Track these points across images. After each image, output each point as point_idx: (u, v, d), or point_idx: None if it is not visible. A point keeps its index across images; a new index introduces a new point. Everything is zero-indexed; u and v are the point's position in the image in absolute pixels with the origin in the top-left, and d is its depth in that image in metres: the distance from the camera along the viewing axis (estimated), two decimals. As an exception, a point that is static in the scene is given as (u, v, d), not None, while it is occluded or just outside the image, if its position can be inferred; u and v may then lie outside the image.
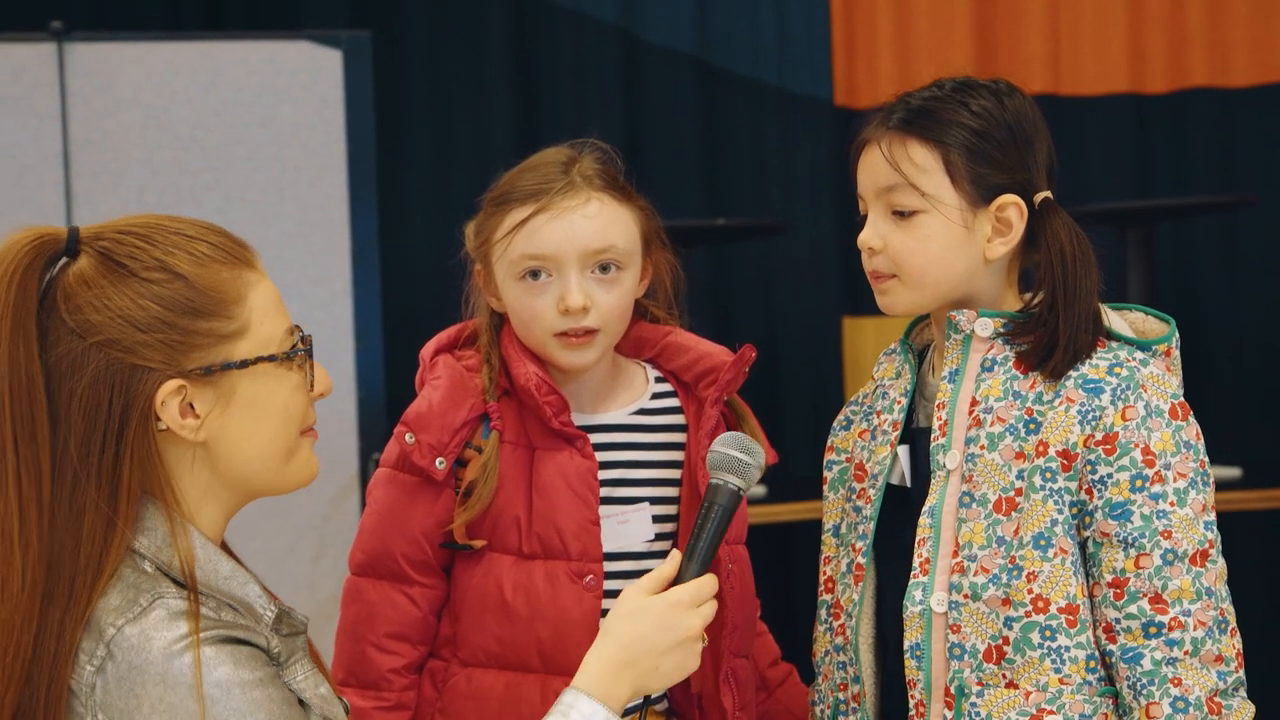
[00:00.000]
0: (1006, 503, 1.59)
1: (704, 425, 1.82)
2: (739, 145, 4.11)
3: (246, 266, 1.42)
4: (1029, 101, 1.68)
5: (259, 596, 1.40)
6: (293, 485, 1.46)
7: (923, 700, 1.61)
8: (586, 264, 1.75)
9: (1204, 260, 4.13)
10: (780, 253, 4.05)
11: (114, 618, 1.31)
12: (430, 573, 1.78)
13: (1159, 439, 1.55)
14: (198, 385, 1.37)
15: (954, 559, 1.60)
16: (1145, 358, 1.61)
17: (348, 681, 1.77)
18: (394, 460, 1.79)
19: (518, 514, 1.76)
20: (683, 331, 1.90)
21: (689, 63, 4.07)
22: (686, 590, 1.51)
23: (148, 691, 1.28)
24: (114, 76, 3.52)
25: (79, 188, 3.51)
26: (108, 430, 1.33)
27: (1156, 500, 1.54)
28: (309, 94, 3.62)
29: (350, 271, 3.61)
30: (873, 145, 1.67)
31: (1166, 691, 1.53)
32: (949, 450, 1.62)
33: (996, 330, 1.63)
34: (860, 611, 1.69)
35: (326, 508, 3.60)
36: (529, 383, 1.76)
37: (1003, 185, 1.62)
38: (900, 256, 1.64)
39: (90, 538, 1.32)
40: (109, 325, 1.34)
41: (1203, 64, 4.08)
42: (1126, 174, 4.11)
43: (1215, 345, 4.10)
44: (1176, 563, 1.54)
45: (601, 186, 1.78)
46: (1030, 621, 1.56)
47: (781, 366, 4.05)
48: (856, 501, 1.74)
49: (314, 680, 1.42)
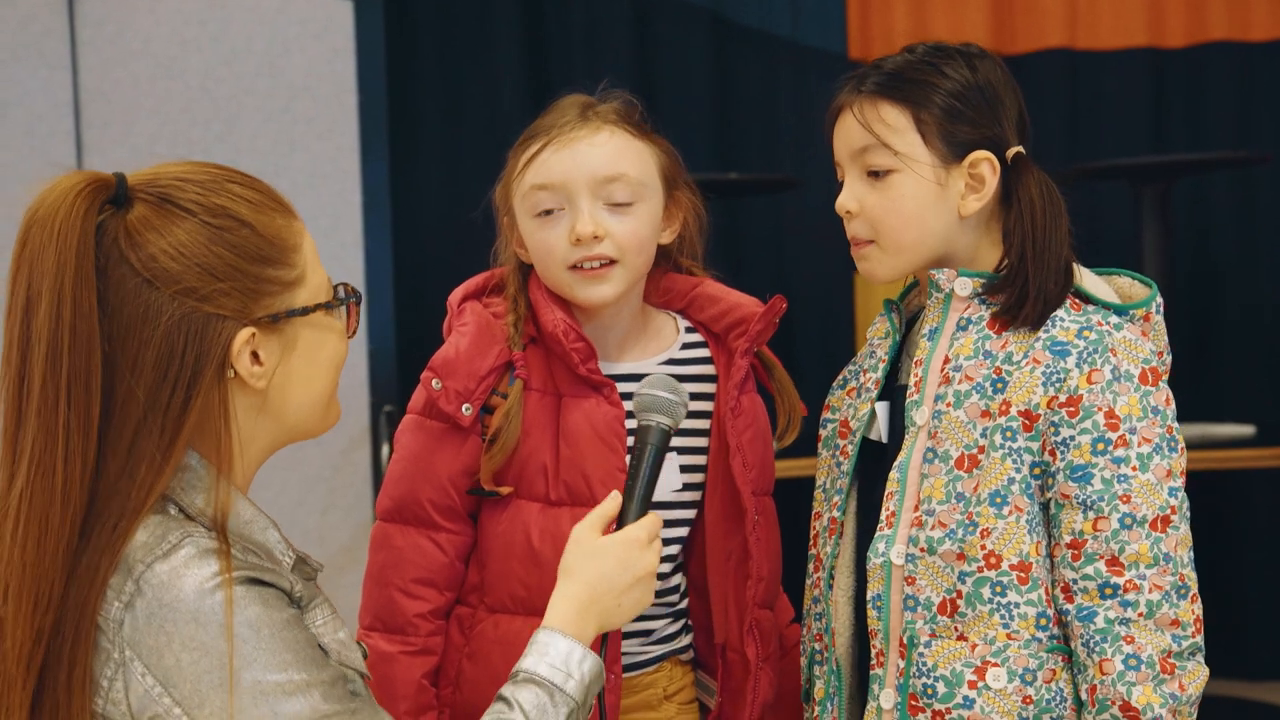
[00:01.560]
0: (969, 459, 1.60)
1: (734, 376, 1.81)
2: (751, 99, 4.08)
3: (294, 216, 1.43)
4: (999, 64, 1.69)
5: (278, 542, 1.41)
6: (326, 429, 1.47)
7: (882, 650, 1.64)
8: (597, 193, 1.73)
9: (1220, 217, 4.11)
10: (792, 207, 4.03)
11: (143, 554, 1.30)
12: (457, 519, 1.78)
13: (1125, 403, 1.56)
14: (266, 333, 1.37)
15: (915, 513, 1.62)
16: (1120, 321, 1.61)
17: (374, 626, 1.77)
18: (421, 406, 1.78)
19: (545, 461, 1.75)
20: (713, 282, 1.89)
21: (701, 15, 4.04)
22: (642, 529, 1.53)
23: (179, 629, 1.28)
24: (124, 26, 3.50)
25: (89, 137, 3.49)
26: (179, 379, 1.33)
27: (1118, 465, 1.55)
28: (320, 45, 3.59)
29: (361, 224, 3.61)
30: (846, 110, 1.68)
31: (1119, 649, 1.54)
32: (920, 407, 1.64)
33: (975, 290, 1.65)
34: (837, 564, 1.72)
35: (337, 459, 3.60)
36: (556, 329, 1.75)
37: (974, 142, 1.64)
38: (876, 217, 1.65)
39: (142, 484, 1.32)
40: (186, 274, 1.33)
41: (1222, 17, 4.04)
42: (1143, 129, 4.09)
43: (1230, 302, 4.09)
44: (1135, 527, 1.54)
45: (615, 120, 1.77)
46: (982, 577, 1.58)
47: (793, 322, 4.03)
48: (838, 457, 1.78)
49: (332, 625, 1.42)
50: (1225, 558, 4.04)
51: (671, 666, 1.86)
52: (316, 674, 1.33)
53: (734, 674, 1.83)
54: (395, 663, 1.75)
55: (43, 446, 1.30)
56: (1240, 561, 4.06)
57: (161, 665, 1.29)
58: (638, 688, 1.82)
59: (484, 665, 1.75)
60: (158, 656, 1.29)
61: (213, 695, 1.28)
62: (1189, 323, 4.00)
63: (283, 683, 1.30)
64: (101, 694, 1.31)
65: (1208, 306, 4.08)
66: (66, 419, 1.30)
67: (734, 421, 1.80)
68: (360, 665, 1.43)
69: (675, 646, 1.87)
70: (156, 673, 1.29)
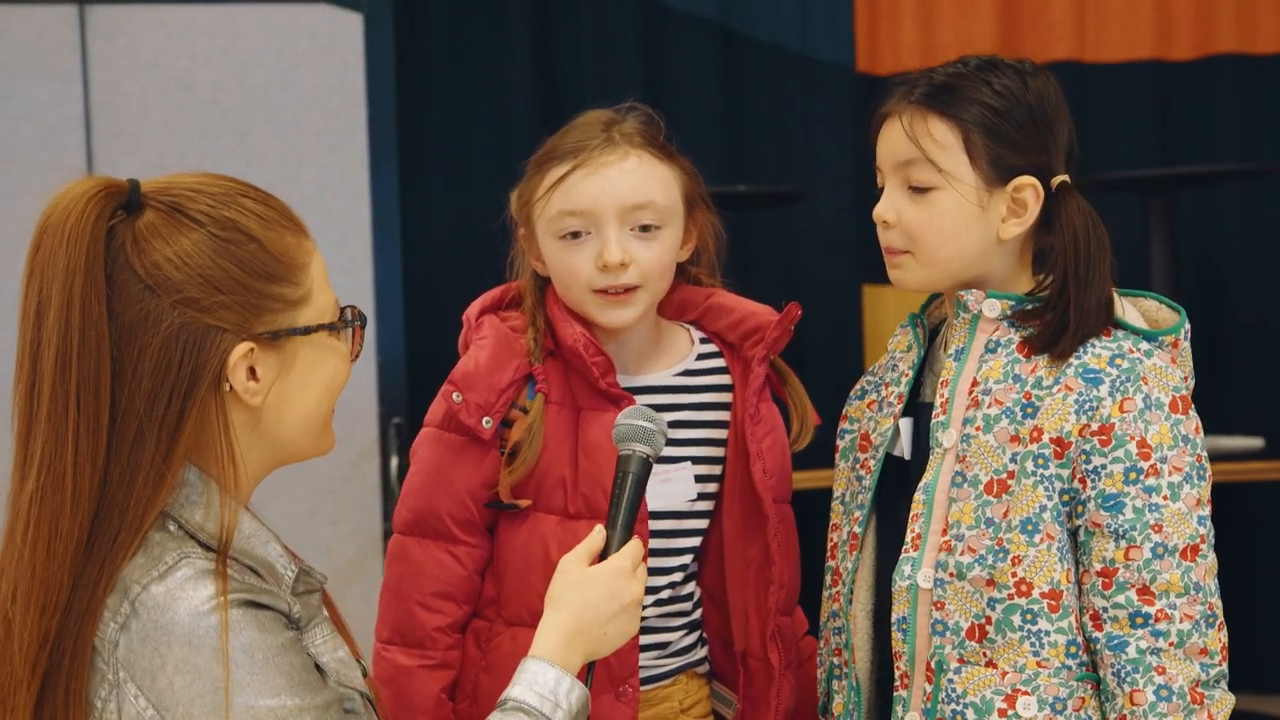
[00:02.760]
0: (998, 485, 1.59)
1: (751, 384, 1.82)
2: (760, 112, 4.08)
3: (305, 235, 1.42)
4: (1053, 83, 1.67)
5: (280, 556, 1.40)
6: (318, 453, 1.46)
7: (907, 672, 1.63)
8: (625, 220, 1.74)
9: (1227, 229, 4.11)
10: (801, 220, 4.04)
11: (139, 575, 1.30)
12: (475, 532, 1.78)
13: (1156, 432, 1.55)
14: (264, 349, 1.36)
15: (943, 537, 1.61)
16: (1150, 349, 1.61)
17: (393, 640, 1.77)
18: (440, 419, 1.78)
19: (563, 474, 1.76)
20: (725, 293, 1.90)
21: (710, 28, 4.05)
22: (626, 558, 1.52)
23: (173, 652, 1.28)
24: (135, 39, 3.51)
25: (100, 150, 3.50)
26: (175, 389, 1.32)
27: (1150, 494, 1.55)
28: (329, 58, 3.61)
29: (370, 237, 3.61)
30: (893, 118, 1.66)
31: (1150, 680, 1.54)
32: (947, 429, 1.63)
33: (1004, 312, 1.64)
34: (855, 580, 1.71)
35: (346, 471, 3.60)
36: (576, 343, 1.76)
37: (1020, 167, 1.62)
38: (914, 231, 1.64)
39: (140, 496, 1.31)
40: (188, 283, 1.33)
41: (1229, 30, 4.05)
42: (1150, 142, 4.09)
43: (1238, 314, 4.09)
44: (1167, 556, 1.54)
45: (641, 144, 1.77)
46: (1012, 604, 1.57)
47: (801, 334, 4.00)
48: (859, 471, 1.77)
49: (332, 644, 1.42)
50: (1234, 570, 4.02)
51: (688, 679, 1.86)
52: (310, 699, 1.32)
53: (756, 681, 1.83)
54: (414, 677, 1.75)
55: (53, 451, 1.30)
56: (1249, 574, 4.06)
57: (155, 688, 1.28)
58: (654, 701, 1.82)
59: (501, 679, 1.73)
60: (151, 679, 1.28)
61: (205, 719, 1.28)
62: (1196, 335, 3.97)
63: (275, 708, 1.30)
64: (95, 714, 1.30)
65: (1215, 319, 4.08)
66: (76, 424, 1.30)
67: (754, 429, 1.81)
68: (360, 685, 1.42)
69: (691, 659, 1.87)
70: (150, 695, 1.28)
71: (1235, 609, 4.15)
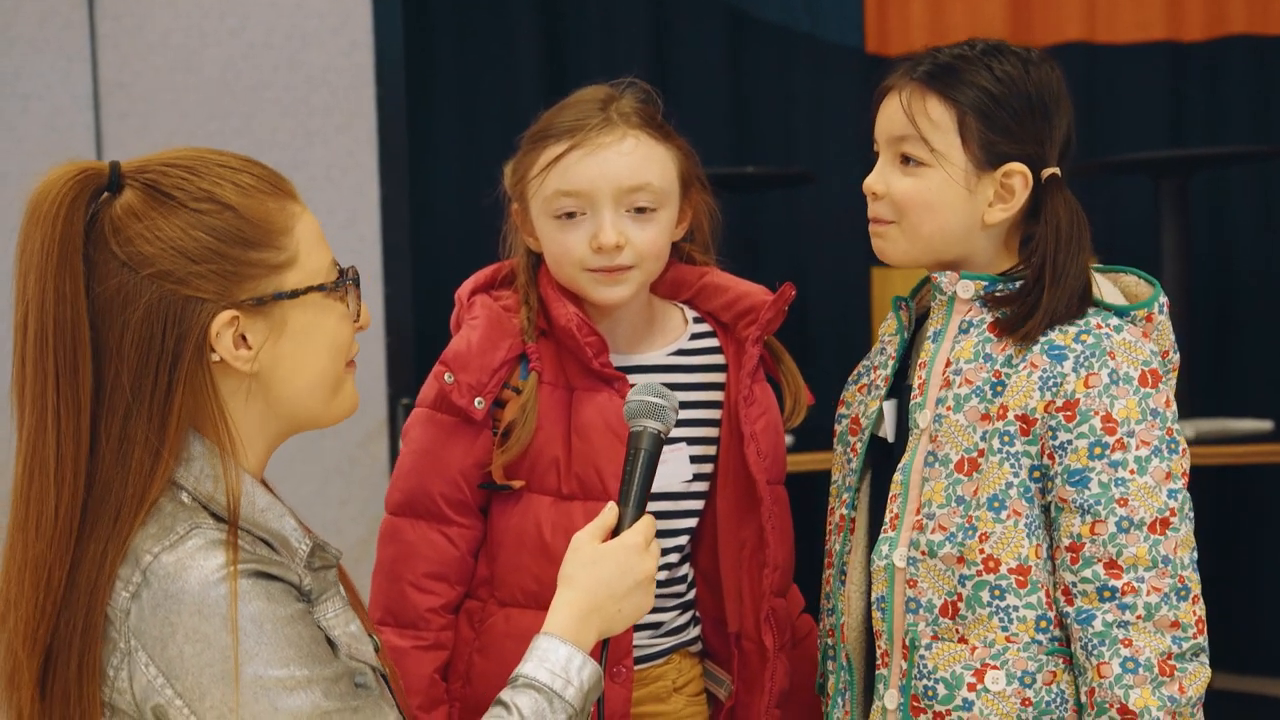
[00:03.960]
0: (968, 463, 1.60)
1: (745, 365, 1.82)
2: (768, 93, 4.07)
3: (290, 198, 1.43)
4: (1057, 73, 1.68)
5: (294, 530, 1.41)
6: (337, 417, 1.46)
7: (887, 650, 1.65)
8: (621, 202, 1.74)
9: (1238, 211, 4.08)
10: (809, 202, 4.02)
11: (150, 544, 1.31)
12: (468, 513, 1.78)
13: (1123, 406, 1.56)
14: (250, 316, 1.37)
15: (916, 516, 1.62)
16: (1120, 324, 1.61)
17: (385, 621, 1.78)
18: (432, 400, 1.78)
19: (556, 455, 1.76)
20: (720, 272, 1.89)
21: (719, 10, 4.03)
22: (639, 534, 1.53)
23: (182, 620, 1.29)
24: (144, 19, 3.51)
25: (109, 130, 3.51)
26: (160, 362, 1.33)
27: (1116, 468, 1.55)
28: (338, 38, 3.60)
29: (379, 216, 3.61)
30: (893, 93, 1.68)
31: (1117, 652, 1.54)
32: (923, 409, 1.64)
33: (977, 293, 1.65)
34: (845, 561, 1.73)
35: (354, 451, 3.61)
36: (569, 323, 1.75)
37: (1012, 154, 1.63)
38: (900, 202, 1.66)
39: (138, 470, 1.33)
40: (161, 257, 1.34)
41: (1241, 11, 4.02)
42: (1161, 123, 4.06)
43: (1249, 296, 4.07)
44: (1133, 530, 1.54)
45: (639, 124, 1.76)
46: (981, 580, 1.59)
47: (809, 316, 4.03)
48: (848, 454, 1.78)
49: (344, 618, 1.43)
50: (1243, 553, 4.02)
51: (680, 659, 1.87)
52: (319, 670, 1.33)
53: (750, 663, 1.83)
54: (407, 657, 1.75)
55: (35, 431, 1.33)
56: (1258, 557, 4.05)
57: (165, 656, 1.30)
58: (647, 680, 1.83)
59: (495, 659, 1.75)
60: (161, 647, 1.30)
61: (214, 688, 1.29)
62: (1207, 317, 3.98)
63: (284, 678, 1.31)
64: (108, 683, 1.32)
65: (1226, 301, 4.06)
66: (55, 404, 1.32)
67: (747, 410, 1.81)
68: (371, 658, 1.43)
69: (684, 639, 1.87)
70: (160, 663, 1.30)
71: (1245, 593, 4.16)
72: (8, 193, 3.38)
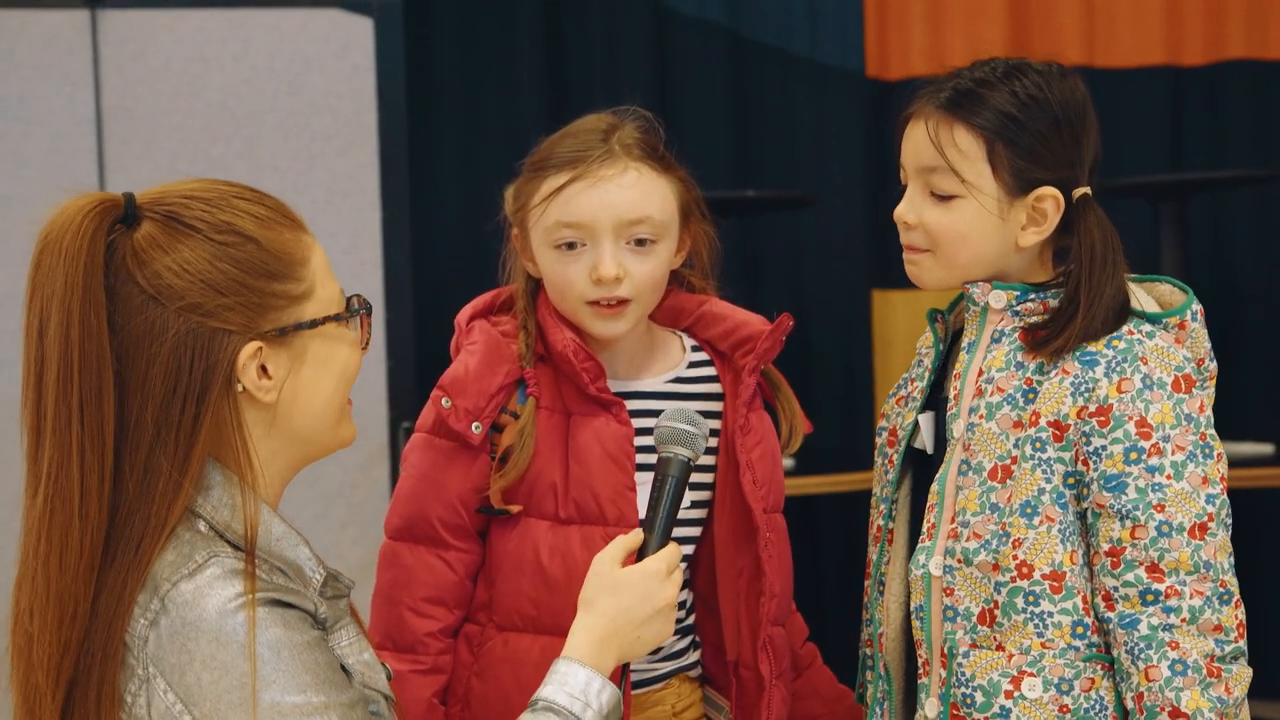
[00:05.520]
0: (1002, 470, 1.61)
1: (741, 394, 1.82)
2: (769, 116, 4.08)
3: (302, 229, 1.45)
4: (1080, 86, 1.68)
5: (309, 559, 1.42)
6: (340, 445, 1.48)
7: (927, 659, 1.66)
8: (621, 234, 1.74)
9: (1238, 234, 4.09)
10: (810, 225, 4.03)
11: (169, 573, 1.32)
12: (466, 537, 1.79)
13: (1158, 411, 1.56)
14: (273, 347, 1.39)
15: (951, 524, 1.63)
16: (1152, 330, 1.61)
17: (384, 645, 1.78)
18: (430, 425, 1.79)
19: (554, 480, 1.76)
20: (719, 300, 1.90)
21: (719, 33, 4.05)
22: (661, 561, 1.54)
23: (200, 648, 1.30)
24: (146, 44, 3.53)
25: (111, 155, 3.52)
26: (188, 394, 1.34)
27: (1152, 473, 1.55)
28: (340, 62, 3.62)
29: (381, 240, 3.62)
30: (918, 121, 1.67)
31: (1164, 655, 1.54)
32: (958, 419, 1.65)
33: (1010, 303, 1.65)
34: (887, 572, 1.73)
35: (355, 475, 3.61)
36: (566, 349, 1.76)
37: (1043, 179, 1.63)
38: (934, 233, 1.66)
39: (160, 500, 1.33)
40: (190, 290, 1.35)
41: (1241, 35, 4.03)
42: (1161, 147, 4.07)
43: (1249, 320, 4.07)
44: (1174, 534, 1.55)
45: (640, 156, 1.77)
46: (1015, 587, 1.59)
47: (810, 339, 4.04)
48: (886, 465, 1.80)
49: (358, 646, 1.43)
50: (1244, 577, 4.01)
51: (680, 683, 1.87)
52: (335, 696, 1.34)
53: (748, 691, 1.83)
54: (406, 682, 1.75)
55: (59, 465, 1.33)
56: (1260, 581, 4.04)
57: (183, 683, 1.30)
58: (646, 705, 1.83)
59: (493, 683, 1.76)
60: (179, 674, 1.30)
61: (232, 714, 1.30)
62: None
63: (300, 705, 1.31)
64: (126, 709, 1.33)
65: (1226, 324, 4.06)
66: (80, 438, 1.32)
67: (743, 439, 1.81)
68: (384, 687, 1.44)
69: (684, 663, 1.87)
70: (178, 690, 1.31)
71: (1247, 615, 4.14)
72: (11, 216, 3.39)
